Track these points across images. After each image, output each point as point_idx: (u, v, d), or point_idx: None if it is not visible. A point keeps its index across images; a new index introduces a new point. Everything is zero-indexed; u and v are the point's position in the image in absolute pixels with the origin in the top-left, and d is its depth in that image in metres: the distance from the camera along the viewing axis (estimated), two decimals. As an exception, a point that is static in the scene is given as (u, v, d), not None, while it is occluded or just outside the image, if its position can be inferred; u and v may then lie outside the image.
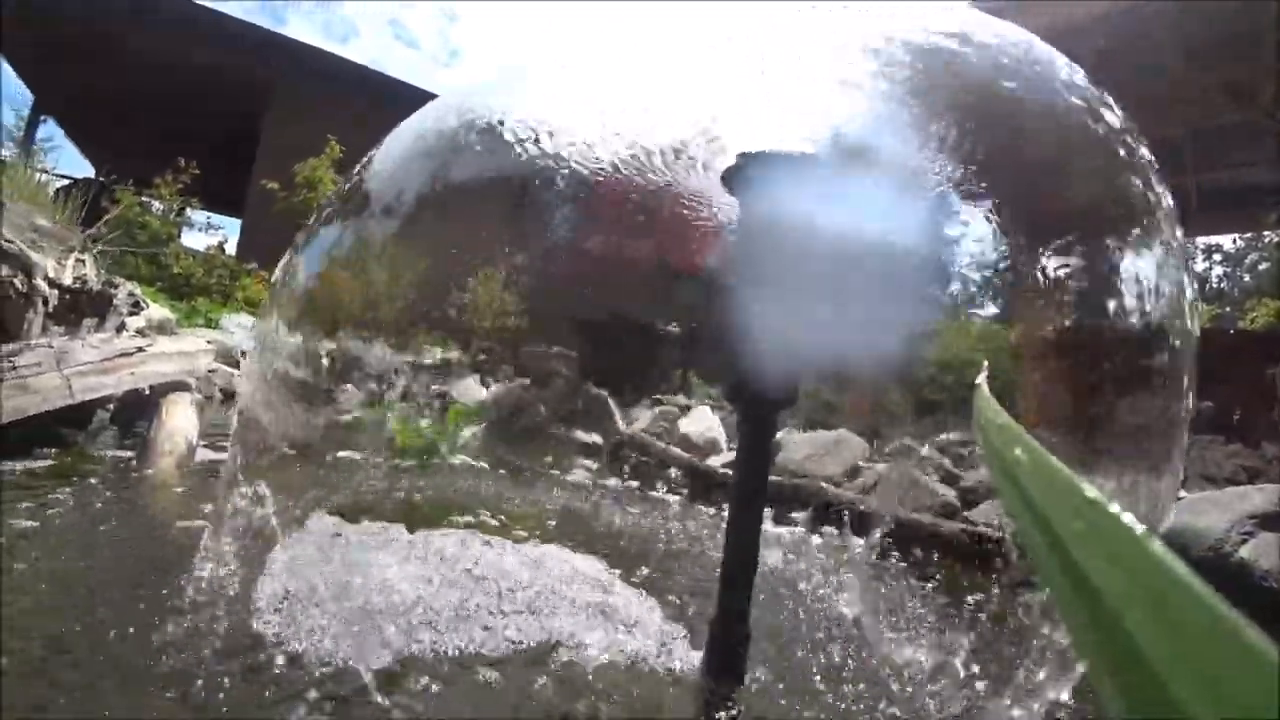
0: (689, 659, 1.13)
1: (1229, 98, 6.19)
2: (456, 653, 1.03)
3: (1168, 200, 0.88)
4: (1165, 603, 0.15)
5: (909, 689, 1.13)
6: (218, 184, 9.79)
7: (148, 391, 2.40)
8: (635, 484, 2.95)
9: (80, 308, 2.20)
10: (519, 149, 1.18)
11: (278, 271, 1.27)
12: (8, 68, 9.10)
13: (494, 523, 1.88)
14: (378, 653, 0.97)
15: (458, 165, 1.13)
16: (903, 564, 1.90)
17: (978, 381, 0.28)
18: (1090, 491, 0.18)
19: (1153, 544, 0.16)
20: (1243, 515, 1.91)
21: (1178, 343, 0.87)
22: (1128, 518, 0.17)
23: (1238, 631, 0.14)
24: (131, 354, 2.19)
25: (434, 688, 0.92)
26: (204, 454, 2.34)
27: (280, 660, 0.93)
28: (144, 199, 7.27)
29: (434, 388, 5.52)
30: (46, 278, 2.21)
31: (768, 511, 2.34)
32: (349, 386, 5.20)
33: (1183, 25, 5.85)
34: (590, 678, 1.03)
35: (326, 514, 1.62)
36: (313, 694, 0.86)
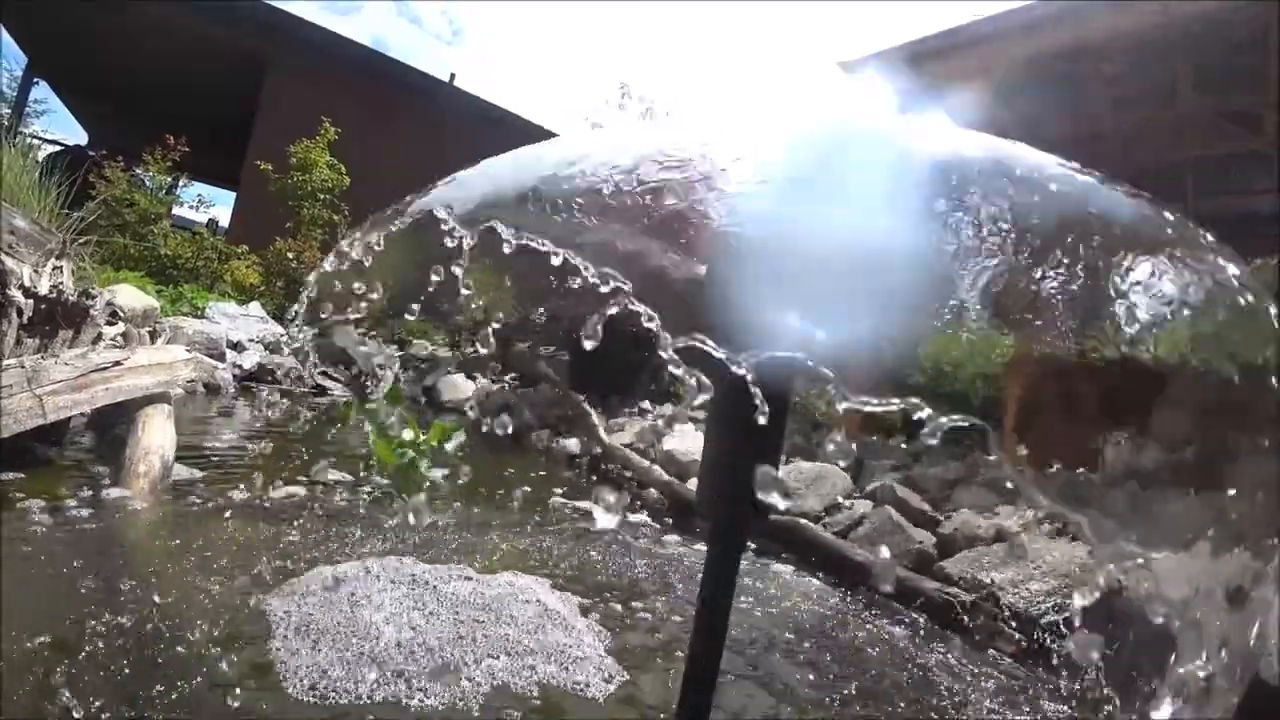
0: None
1: (1237, 126, 6.24)
2: None
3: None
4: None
5: None
6: (214, 156, 9.65)
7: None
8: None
9: (56, 319, 2.16)
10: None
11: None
12: (1, 28, 8.89)
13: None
14: None
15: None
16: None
17: None
18: None
19: None
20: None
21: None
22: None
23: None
24: (107, 368, 2.16)
25: None
26: (180, 470, 2.28)
27: None
28: (134, 173, 7.14)
29: (421, 383, 5.51)
30: (22, 286, 2.17)
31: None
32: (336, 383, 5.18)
33: (1195, 53, 5.86)
34: None
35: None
36: None
